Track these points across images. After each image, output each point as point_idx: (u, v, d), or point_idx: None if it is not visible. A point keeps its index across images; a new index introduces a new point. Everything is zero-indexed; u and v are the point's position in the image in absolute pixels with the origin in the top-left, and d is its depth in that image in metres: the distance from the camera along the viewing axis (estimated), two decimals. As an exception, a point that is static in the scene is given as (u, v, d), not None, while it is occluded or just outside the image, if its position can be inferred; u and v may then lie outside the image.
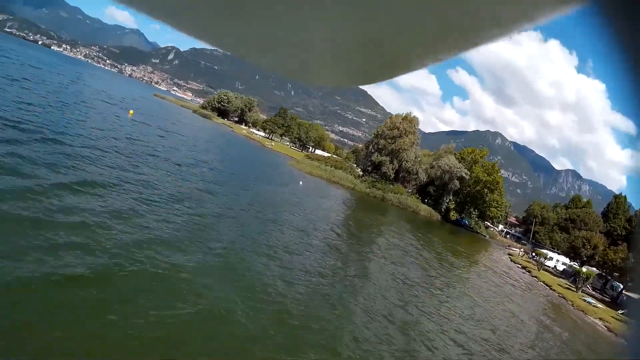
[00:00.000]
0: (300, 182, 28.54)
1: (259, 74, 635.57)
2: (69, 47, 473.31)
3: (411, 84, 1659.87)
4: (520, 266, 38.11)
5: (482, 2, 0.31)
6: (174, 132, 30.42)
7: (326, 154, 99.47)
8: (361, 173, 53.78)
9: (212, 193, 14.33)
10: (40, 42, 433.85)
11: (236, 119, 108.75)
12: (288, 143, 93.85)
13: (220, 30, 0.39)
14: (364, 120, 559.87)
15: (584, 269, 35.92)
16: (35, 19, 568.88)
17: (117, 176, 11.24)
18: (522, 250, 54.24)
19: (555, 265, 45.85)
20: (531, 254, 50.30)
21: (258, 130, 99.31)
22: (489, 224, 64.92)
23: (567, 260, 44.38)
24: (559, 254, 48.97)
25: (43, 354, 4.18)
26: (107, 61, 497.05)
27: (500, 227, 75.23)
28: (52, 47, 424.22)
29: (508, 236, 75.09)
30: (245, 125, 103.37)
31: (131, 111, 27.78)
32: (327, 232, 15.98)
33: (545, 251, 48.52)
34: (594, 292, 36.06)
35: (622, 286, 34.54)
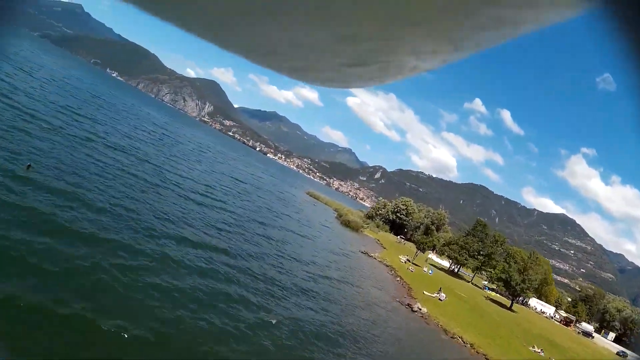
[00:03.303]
0: None
1: (463, 198, 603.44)
2: (283, 157, 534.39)
3: (624, 212, 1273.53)
4: None
5: (487, 2, 0.31)
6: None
7: (547, 307, 68.51)
8: None
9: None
10: (257, 149, 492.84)
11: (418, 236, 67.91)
12: (486, 282, 59.87)
13: (225, 31, 0.39)
14: (572, 252, 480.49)
15: None
16: (258, 129, 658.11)
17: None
18: None
19: None
20: None
21: (441, 257, 61.83)
22: None
23: None
24: None
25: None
26: (317, 173, 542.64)
27: None
28: (268, 155, 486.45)
29: None
30: (433, 250, 61.98)
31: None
32: None
33: None
34: None
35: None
